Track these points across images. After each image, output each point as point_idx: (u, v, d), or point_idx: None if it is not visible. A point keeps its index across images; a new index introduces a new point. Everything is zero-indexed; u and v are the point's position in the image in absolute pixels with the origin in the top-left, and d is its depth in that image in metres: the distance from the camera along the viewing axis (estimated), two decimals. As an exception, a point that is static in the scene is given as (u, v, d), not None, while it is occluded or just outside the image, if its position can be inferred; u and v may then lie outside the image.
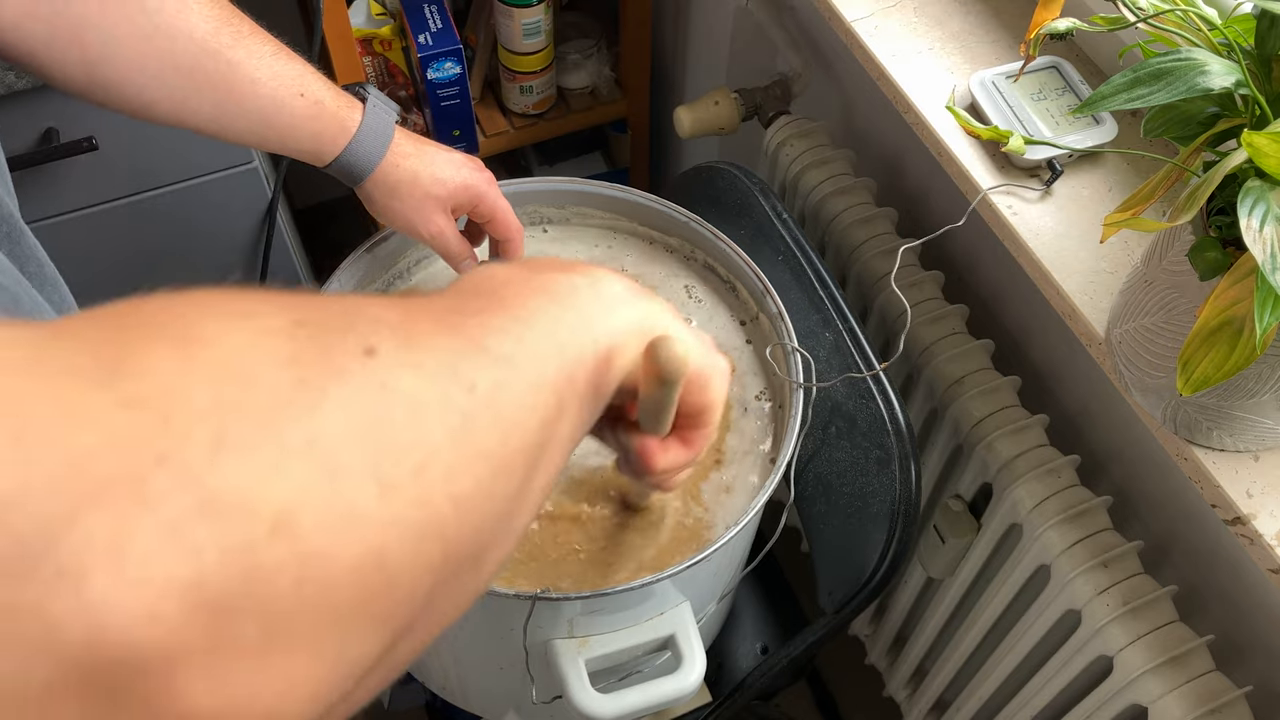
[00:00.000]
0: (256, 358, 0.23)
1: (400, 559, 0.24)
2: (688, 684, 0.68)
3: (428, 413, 0.25)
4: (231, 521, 0.20)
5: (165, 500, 0.19)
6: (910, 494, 0.76)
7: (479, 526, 0.27)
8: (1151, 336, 0.60)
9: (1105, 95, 0.55)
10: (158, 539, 0.19)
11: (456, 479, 0.26)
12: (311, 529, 0.21)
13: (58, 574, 0.17)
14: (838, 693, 1.45)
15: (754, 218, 0.90)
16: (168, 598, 0.19)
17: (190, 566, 0.19)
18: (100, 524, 0.18)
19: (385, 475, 0.23)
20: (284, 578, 0.21)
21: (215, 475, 0.20)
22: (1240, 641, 0.78)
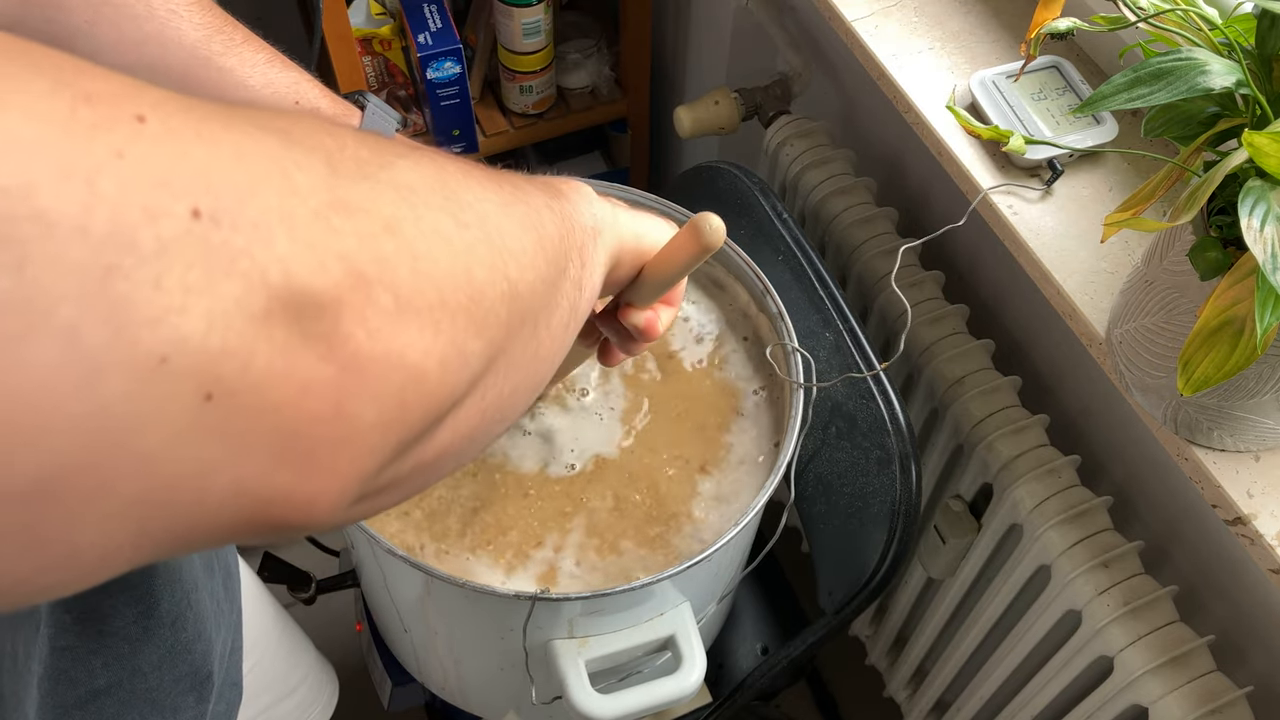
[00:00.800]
0: (367, 145, 0.28)
1: (482, 278, 0.29)
2: (688, 684, 0.68)
3: (474, 184, 0.31)
4: (357, 219, 0.24)
5: (309, 193, 0.24)
6: (910, 494, 0.76)
7: (532, 285, 0.32)
8: (1152, 336, 0.60)
9: (1106, 95, 0.55)
10: (311, 218, 0.23)
11: (508, 236, 0.31)
12: (413, 236, 0.26)
13: (254, 228, 0.22)
14: (838, 693, 1.45)
15: (754, 218, 0.90)
16: (329, 259, 0.23)
17: (338, 241, 0.24)
18: (271, 198, 0.22)
19: (457, 215, 0.29)
20: (401, 264, 0.25)
21: (338, 186, 0.25)
22: (1241, 641, 0.78)
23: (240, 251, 0.21)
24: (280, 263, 0.22)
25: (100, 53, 0.56)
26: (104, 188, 0.19)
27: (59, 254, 0.18)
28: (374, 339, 0.24)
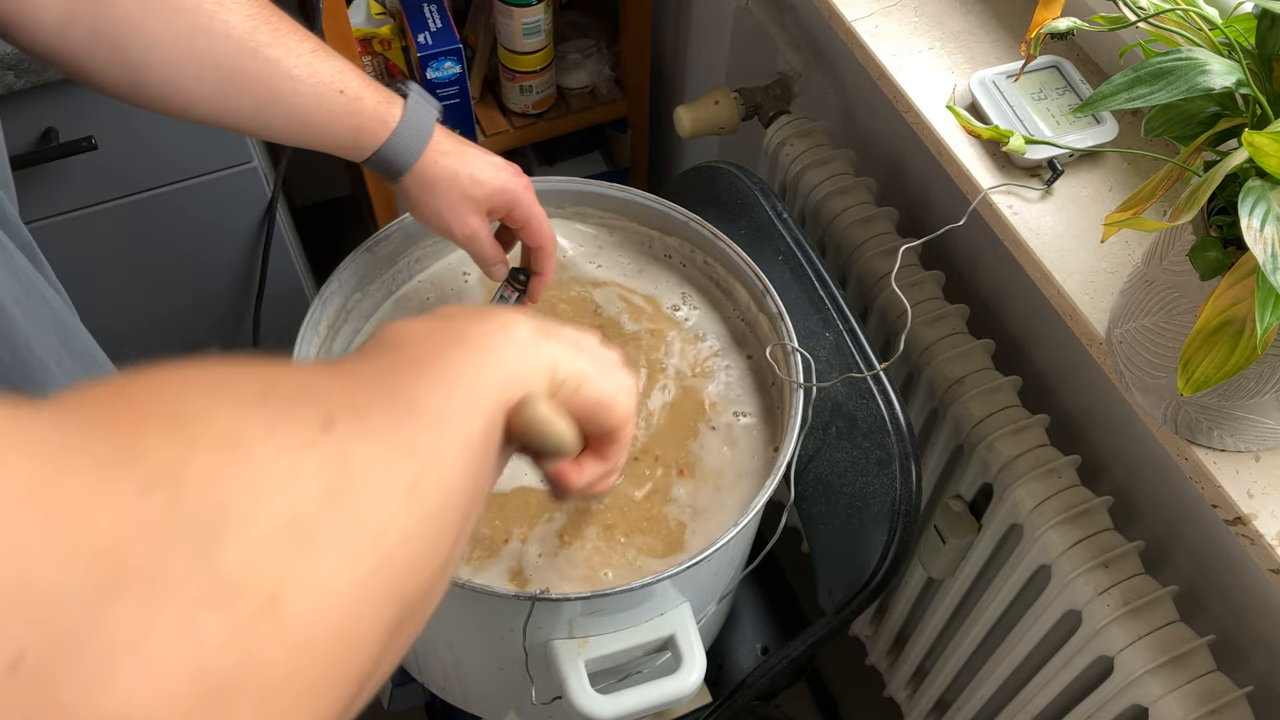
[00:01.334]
0: (243, 430, 0.24)
1: (367, 624, 0.25)
2: (688, 684, 0.68)
3: (382, 482, 0.27)
4: (235, 605, 0.21)
5: (181, 586, 0.20)
6: (910, 494, 0.76)
7: (424, 583, 0.29)
8: (1152, 336, 0.60)
9: (1106, 95, 0.55)
10: (175, 627, 0.20)
11: (410, 540, 0.28)
12: (298, 603, 0.23)
13: (96, 663, 0.18)
14: (838, 693, 1.45)
15: (754, 217, 0.90)
16: (181, 684, 0.20)
17: (200, 653, 0.20)
18: (128, 613, 0.19)
19: (353, 544, 0.25)
20: (275, 655, 0.22)
21: (222, 557, 0.21)
22: (1241, 641, 0.78)
23: (64, 709, 0.18)
24: (115, 707, 0.19)
25: (152, 47, 0.57)
26: None
27: None
28: None
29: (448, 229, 0.71)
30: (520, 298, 0.77)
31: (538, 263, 0.76)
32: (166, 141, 1.13)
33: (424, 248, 0.85)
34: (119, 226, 1.19)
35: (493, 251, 0.73)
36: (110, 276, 1.25)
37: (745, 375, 0.81)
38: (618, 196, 0.84)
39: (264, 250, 1.30)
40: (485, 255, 0.73)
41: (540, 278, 0.77)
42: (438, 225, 0.71)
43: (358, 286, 0.81)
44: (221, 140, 1.16)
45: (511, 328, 0.39)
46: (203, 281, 1.33)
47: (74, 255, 1.20)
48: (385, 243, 0.81)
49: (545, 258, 0.75)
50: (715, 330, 0.83)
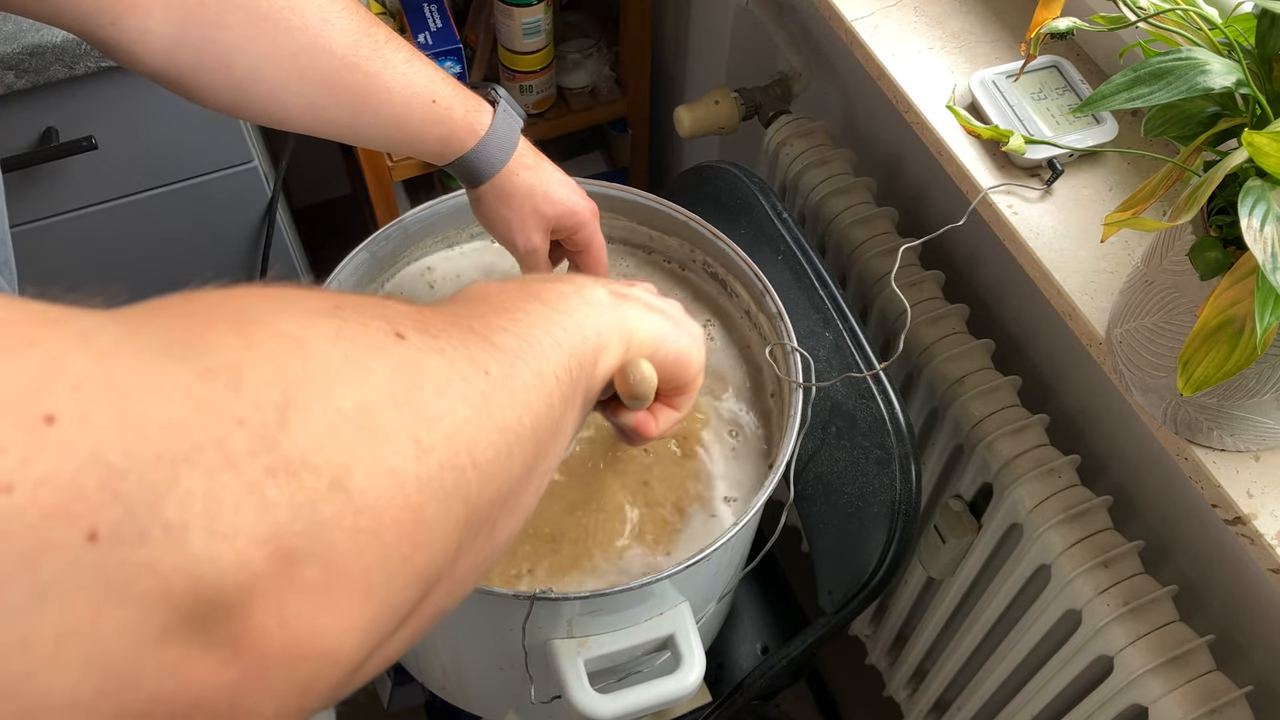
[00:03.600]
0: (308, 333, 0.25)
1: (434, 516, 0.26)
2: (687, 684, 0.68)
3: (452, 389, 0.29)
4: (298, 479, 0.22)
5: (245, 461, 0.21)
6: (910, 494, 0.76)
7: (496, 493, 0.30)
8: (1152, 336, 0.60)
9: (1106, 95, 0.55)
10: (241, 496, 0.21)
11: (479, 447, 0.29)
12: (363, 486, 0.24)
13: (165, 531, 0.20)
14: (838, 693, 1.45)
15: (754, 217, 0.90)
16: (252, 548, 0.21)
17: (267, 520, 0.21)
18: (195, 484, 0.20)
19: (421, 439, 0.26)
20: (340, 530, 0.23)
21: (285, 438, 0.22)
22: (1241, 641, 0.78)
23: (142, 568, 0.19)
24: (189, 565, 0.20)
25: (257, 67, 0.58)
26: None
27: None
28: (287, 627, 0.22)
29: (511, 240, 0.72)
30: None
31: None
32: (166, 141, 1.13)
33: (424, 248, 0.85)
34: (119, 226, 1.19)
35: (546, 269, 0.74)
36: (110, 276, 1.25)
37: (745, 375, 0.81)
38: (618, 196, 0.84)
39: (264, 250, 1.30)
40: (539, 271, 0.74)
41: None
42: (503, 234, 0.72)
43: (357, 287, 0.81)
44: (221, 140, 1.16)
45: (588, 289, 0.41)
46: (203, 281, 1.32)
47: (74, 255, 1.20)
48: (385, 243, 0.81)
49: None
50: (715, 330, 0.83)
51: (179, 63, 0.57)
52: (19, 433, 0.18)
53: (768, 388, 0.80)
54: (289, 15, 0.58)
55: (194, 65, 0.57)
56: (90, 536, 0.18)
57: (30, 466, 0.18)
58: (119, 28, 0.54)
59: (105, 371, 0.20)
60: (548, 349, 0.35)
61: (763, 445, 0.77)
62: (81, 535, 0.18)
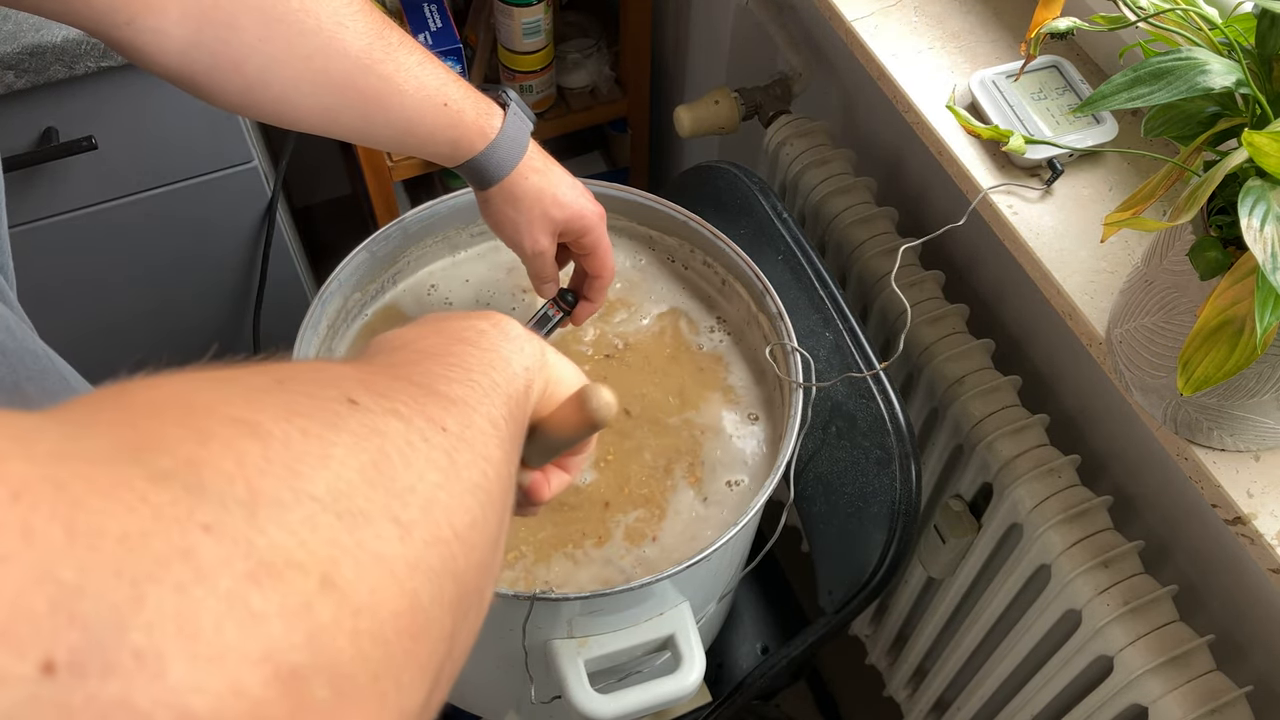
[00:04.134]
0: (260, 415, 0.23)
1: (429, 600, 0.24)
2: (687, 684, 0.68)
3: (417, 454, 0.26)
4: (286, 583, 0.20)
5: (220, 569, 0.19)
6: (910, 494, 0.76)
7: (481, 561, 0.28)
8: (1152, 336, 0.60)
9: (1106, 94, 0.55)
10: (221, 610, 0.18)
11: (457, 514, 0.26)
12: (354, 580, 0.21)
13: (136, 659, 0.17)
14: (838, 693, 1.45)
15: (754, 217, 0.90)
16: (247, 671, 0.18)
17: (259, 635, 0.19)
18: (165, 601, 0.18)
19: (400, 516, 0.24)
20: (341, 635, 0.20)
21: (260, 538, 0.20)
22: (1241, 641, 0.78)
23: (115, 705, 0.16)
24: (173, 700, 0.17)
25: (270, 68, 0.58)
26: None
27: None
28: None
29: (519, 242, 0.72)
30: (564, 318, 0.78)
31: (592, 291, 0.77)
32: (166, 141, 1.13)
33: (424, 248, 0.85)
34: (119, 226, 1.19)
35: (552, 271, 0.75)
36: (110, 276, 1.25)
37: (745, 375, 0.81)
38: (618, 196, 0.84)
39: (264, 250, 1.30)
40: (545, 274, 0.74)
41: (590, 305, 0.78)
42: (510, 236, 0.72)
43: (358, 286, 0.81)
44: (221, 140, 1.16)
45: (505, 324, 0.39)
46: (203, 281, 1.33)
47: (74, 255, 1.20)
48: (385, 243, 0.81)
49: (601, 288, 0.76)
50: (715, 330, 0.83)
51: (193, 63, 0.57)
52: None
53: (768, 388, 0.80)
54: (303, 17, 0.58)
55: (208, 66, 0.57)
56: (45, 667, 0.16)
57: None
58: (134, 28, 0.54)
59: (48, 477, 0.17)
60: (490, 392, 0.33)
61: (763, 445, 0.77)
62: (34, 666, 0.16)
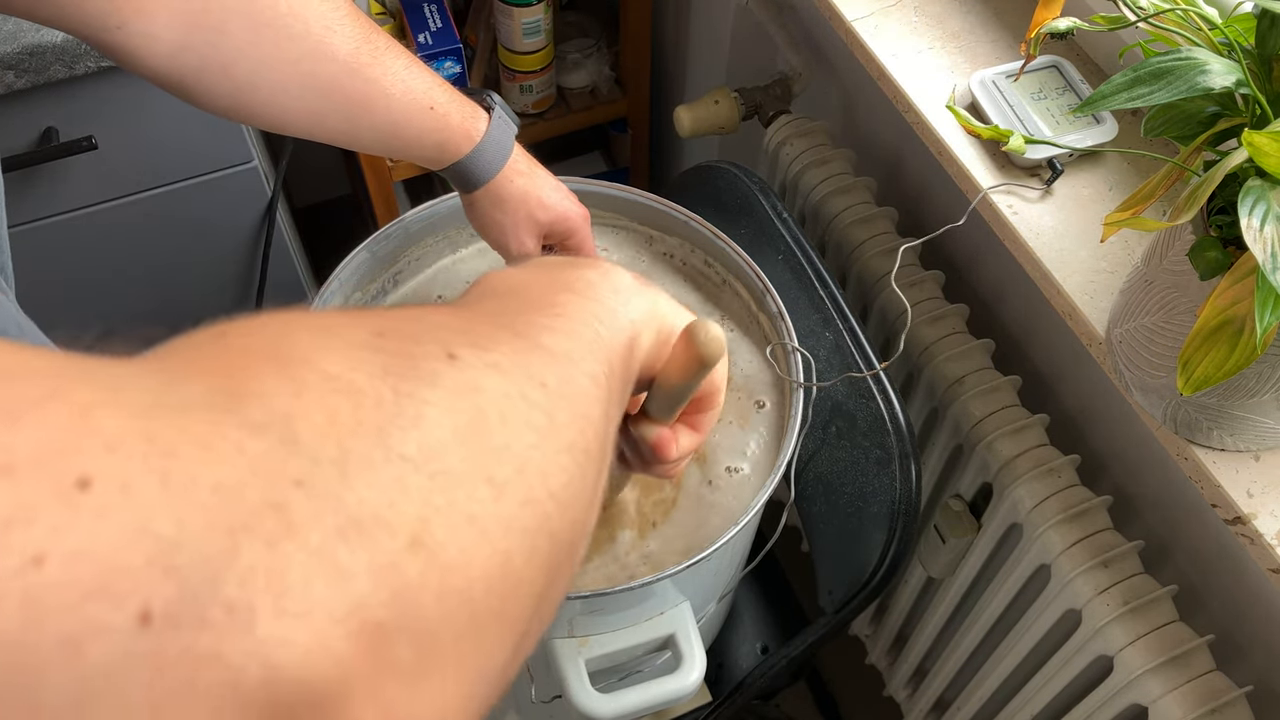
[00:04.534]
0: (355, 373, 0.22)
1: (521, 560, 0.24)
2: (688, 684, 0.68)
3: (516, 412, 0.26)
4: (374, 540, 0.20)
5: (310, 525, 0.19)
6: (910, 494, 0.76)
7: (575, 521, 0.27)
8: (1152, 336, 0.60)
9: (1106, 94, 0.55)
10: (311, 566, 0.18)
11: (552, 474, 0.26)
12: (444, 540, 0.21)
13: (228, 613, 0.17)
14: (838, 693, 1.45)
15: (754, 217, 0.90)
16: (331, 626, 0.18)
17: (345, 592, 0.19)
18: (257, 555, 0.18)
19: (494, 476, 0.23)
20: (428, 593, 0.20)
21: (349, 494, 0.20)
22: (1241, 641, 0.78)
23: (206, 657, 0.17)
24: (260, 652, 0.17)
25: (259, 72, 0.58)
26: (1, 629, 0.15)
27: None
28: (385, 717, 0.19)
29: (504, 245, 0.72)
30: None
31: None
32: (166, 141, 1.13)
33: (424, 247, 0.85)
34: (119, 226, 1.19)
35: None
36: (110, 276, 1.25)
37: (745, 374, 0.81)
38: (618, 196, 0.84)
39: (264, 250, 1.30)
40: None
41: None
42: (496, 239, 0.72)
43: (358, 286, 0.81)
44: (221, 140, 1.16)
45: (614, 275, 0.37)
46: (203, 281, 1.33)
47: (74, 255, 1.20)
48: (385, 243, 0.81)
49: None
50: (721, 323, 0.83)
51: (181, 67, 0.57)
52: (48, 499, 0.15)
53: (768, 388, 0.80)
54: (291, 22, 0.58)
55: (196, 70, 0.57)
56: (142, 619, 0.16)
57: (63, 537, 0.15)
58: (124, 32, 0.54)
59: (143, 429, 0.17)
60: (595, 347, 0.32)
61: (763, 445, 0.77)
62: (131, 618, 0.16)
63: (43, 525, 0.15)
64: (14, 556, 0.15)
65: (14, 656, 0.15)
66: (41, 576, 0.15)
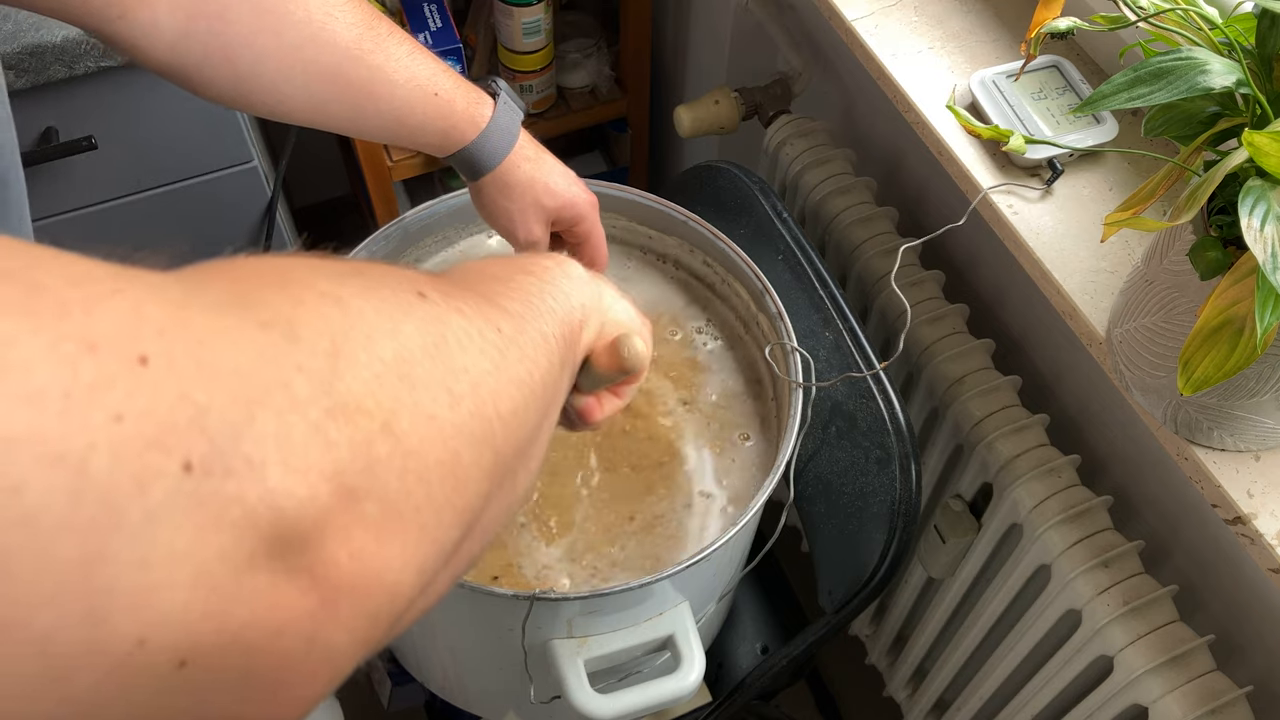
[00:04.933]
0: (343, 290, 0.27)
1: (469, 461, 0.29)
2: (687, 684, 0.68)
3: (473, 344, 0.31)
4: (354, 422, 0.24)
5: (308, 404, 0.23)
6: (910, 494, 0.76)
7: (518, 444, 0.32)
8: (1152, 336, 0.60)
9: (1106, 94, 0.55)
10: (308, 435, 0.23)
11: (501, 398, 0.31)
12: (408, 430, 0.26)
13: (246, 464, 0.21)
14: (838, 693, 1.45)
15: (754, 217, 0.90)
16: (321, 483, 0.23)
17: (331, 457, 0.23)
18: (268, 422, 0.22)
19: (452, 389, 0.28)
20: (391, 469, 0.25)
21: (339, 383, 0.24)
22: (1240, 641, 0.78)
23: (231, 499, 0.21)
24: (269, 497, 0.22)
25: (261, 60, 0.59)
26: (96, 467, 0.19)
27: (42, 555, 0.18)
28: (356, 560, 0.24)
29: (512, 232, 0.72)
30: None
31: None
32: (166, 141, 1.13)
33: (424, 248, 0.85)
34: (119, 226, 1.19)
35: None
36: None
37: (745, 374, 0.81)
38: (618, 196, 0.84)
39: (264, 250, 1.30)
40: None
41: None
42: (503, 226, 0.72)
43: (358, 286, 0.81)
44: (221, 140, 1.16)
45: (568, 265, 0.43)
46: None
47: (74, 255, 1.19)
48: (385, 243, 0.81)
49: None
50: (715, 330, 0.83)
51: (184, 56, 0.57)
52: (121, 370, 0.20)
53: (767, 388, 0.80)
54: (293, 9, 0.58)
55: (199, 59, 0.57)
56: (186, 466, 0.20)
57: (133, 400, 0.20)
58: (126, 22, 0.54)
59: (181, 320, 0.22)
60: (545, 313, 0.38)
61: (762, 445, 0.77)
62: (178, 464, 0.20)
63: (120, 390, 0.19)
64: (103, 412, 0.19)
65: (106, 489, 0.19)
66: (122, 430, 0.19)
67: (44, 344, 0.19)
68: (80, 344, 0.19)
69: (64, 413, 0.19)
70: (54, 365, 0.19)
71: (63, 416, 0.19)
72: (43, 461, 0.18)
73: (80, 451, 0.19)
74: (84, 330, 0.20)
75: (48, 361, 0.19)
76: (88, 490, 0.19)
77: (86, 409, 0.19)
